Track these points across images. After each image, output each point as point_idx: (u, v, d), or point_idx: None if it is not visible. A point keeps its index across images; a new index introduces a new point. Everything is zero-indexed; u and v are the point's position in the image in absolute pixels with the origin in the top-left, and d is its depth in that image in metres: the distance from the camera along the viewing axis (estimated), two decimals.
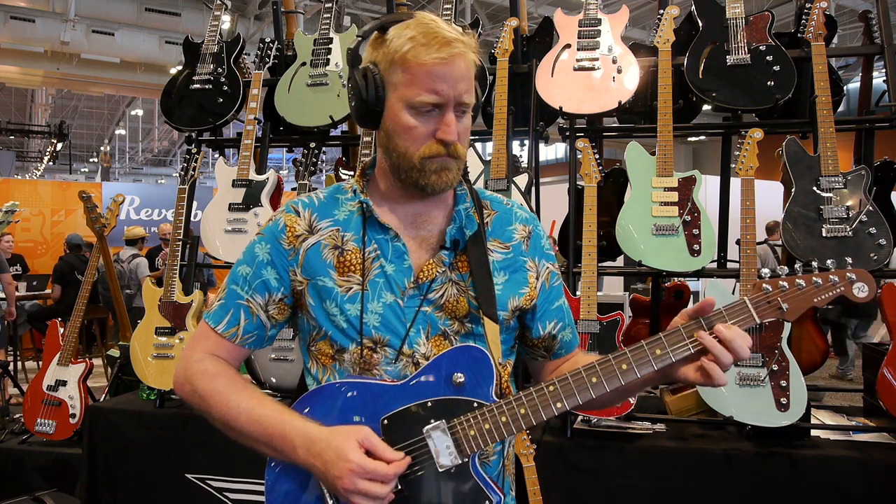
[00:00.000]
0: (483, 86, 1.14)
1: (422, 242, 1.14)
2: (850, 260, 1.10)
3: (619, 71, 2.87)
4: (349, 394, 1.07)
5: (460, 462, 1.01)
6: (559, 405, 1.01)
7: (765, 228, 6.57)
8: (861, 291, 1.05)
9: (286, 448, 1.02)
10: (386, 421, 1.03)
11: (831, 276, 1.06)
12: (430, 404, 1.03)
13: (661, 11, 2.88)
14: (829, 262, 1.07)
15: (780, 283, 1.06)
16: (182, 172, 3.27)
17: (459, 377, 1.04)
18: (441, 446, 1.01)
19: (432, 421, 1.02)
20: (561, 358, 1.25)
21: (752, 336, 2.42)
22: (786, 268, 1.07)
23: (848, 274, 1.05)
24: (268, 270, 1.14)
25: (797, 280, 1.06)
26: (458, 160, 1.08)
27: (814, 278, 1.06)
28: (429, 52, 1.01)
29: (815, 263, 1.08)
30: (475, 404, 1.03)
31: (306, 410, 1.08)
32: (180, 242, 3.16)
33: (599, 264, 2.75)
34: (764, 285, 1.06)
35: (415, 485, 1.01)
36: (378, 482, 0.96)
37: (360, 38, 1.11)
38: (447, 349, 1.08)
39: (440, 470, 1.01)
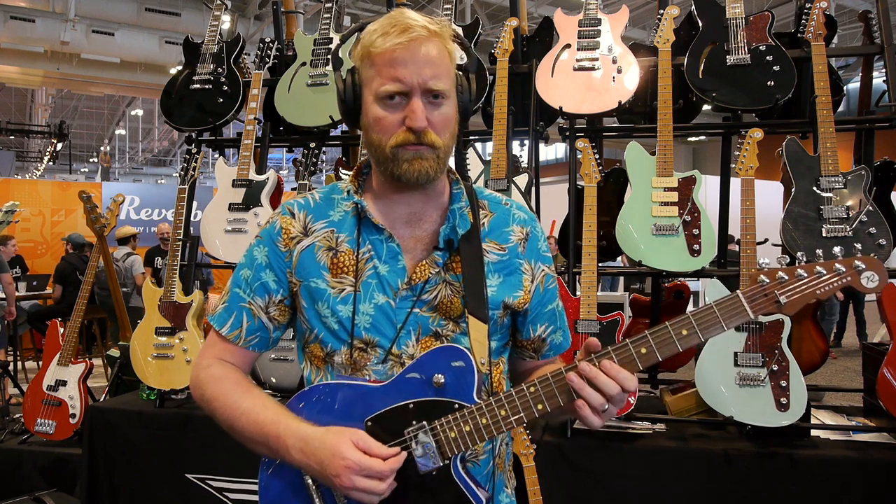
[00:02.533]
0: (482, 83, 1.14)
1: (416, 243, 1.13)
2: (859, 246, 1.01)
3: (619, 71, 2.87)
4: (334, 395, 1.07)
5: (441, 464, 1.01)
6: (540, 406, 1.00)
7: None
8: (871, 281, 0.95)
9: (280, 448, 1.02)
10: (369, 422, 1.03)
11: (836, 265, 0.96)
12: (412, 406, 1.03)
13: (661, 11, 2.88)
14: (835, 248, 1.00)
15: (779, 274, 0.97)
16: (182, 172, 3.27)
17: (440, 378, 1.03)
18: (422, 448, 1.00)
19: (414, 423, 1.01)
20: (548, 359, 1.25)
21: (752, 336, 2.43)
22: (787, 257, 1.01)
23: (856, 262, 0.96)
24: (266, 273, 1.15)
25: (798, 271, 0.97)
26: (434, 149, 1.05)
27: (817, 267, 0.97)
28: (388, 39, 1.01)
29: (818, 252, 1.02)
30: (456, 405, 1.02)
31: (297, 410, 1.08)
32: (180, 242, 3.16)
33: (599, 264, 2.75)
34: (761, 277, 0.98)
35: (396, 487, 1.00)
36: (375, 479, 0.96)
37: (341, 42, 1.13)
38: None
39: (422, 472, 1.00)
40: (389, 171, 1.07)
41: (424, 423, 1.01)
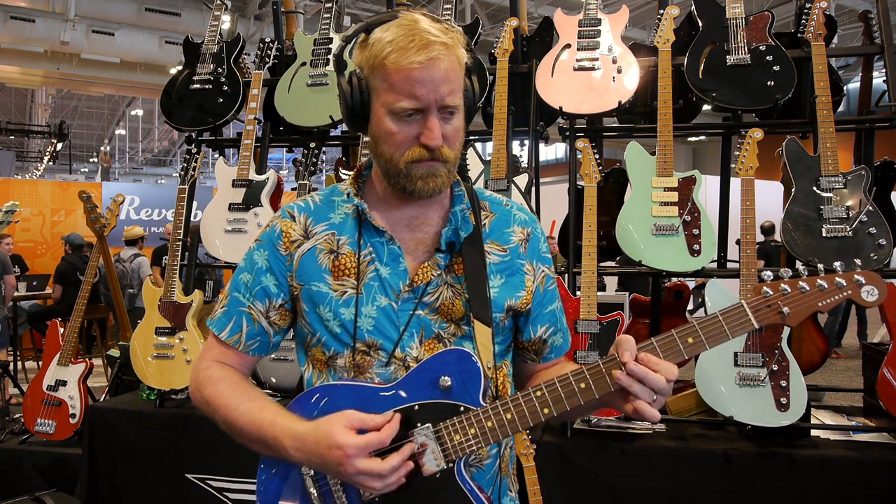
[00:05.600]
0: (483, 83, 1.12)
1: (417, 245, 1.13)
2: (858, 262, 1.03)
3: (619, 71, 2.87)
4: (338, 396, 1.06)
5: (445, 467, 1.00)
6: (546, 411, 1.00)
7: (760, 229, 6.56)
8: (870, 295, 0.98)
9: (280, 450, 1.01)
10: None
11: (837, 279, 0.99)
12: (416, 408, 1.02)
13: (661, 11, 2.88)
14: (836, 264, 1.01)
15: (782, 286, 1.00)
16: (182, 172, 3.28)
17: (446, 380, 1.02)
18: (427, 451, 1.00)
19: (419, 425, 1.01)
20: (549, 362, 1.24)
21: (752, 336, 2.43)
22: (789, 270, 1.02)
23: (856, 276, 0.99)
24: (267, 277, 1.14)
25: (800, 283, 0.99)
26: (446, 164, 1.05)
27: (818, 281, 0.99)
28: (406, 56, 0.97)
29: (819, 267, 1.03)
30: (462, 408, 1.01)
31: (300, 411, 1.08)
32: (180, 242, 3.16)
33: (599, 264, 2.75)
34: (764, 288, 1.00)
35: (400, 489, 0.99)
36: (377, 458, 0.94)
37: (343, 43, 1.09)
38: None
39: (425, 475, 1.00)
40: (401, 186, 1.06)
41: (429, 424, 1.00)
